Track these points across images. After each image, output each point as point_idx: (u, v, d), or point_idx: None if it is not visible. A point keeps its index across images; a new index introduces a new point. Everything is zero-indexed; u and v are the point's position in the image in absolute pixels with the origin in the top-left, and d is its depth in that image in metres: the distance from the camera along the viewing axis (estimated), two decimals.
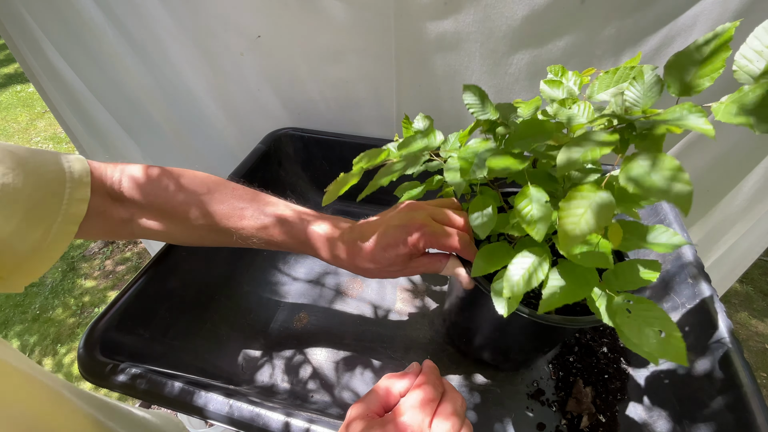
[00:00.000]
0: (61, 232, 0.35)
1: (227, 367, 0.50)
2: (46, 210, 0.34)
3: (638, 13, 0.55)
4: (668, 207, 0.53)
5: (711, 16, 0.53)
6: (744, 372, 0.36)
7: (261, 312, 0.57)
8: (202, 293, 0.54)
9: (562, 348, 0.50)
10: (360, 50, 0.65)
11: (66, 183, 0.35)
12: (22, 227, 0.32)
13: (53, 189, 0.34)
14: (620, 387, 0.46)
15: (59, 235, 0.35)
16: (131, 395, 0.37)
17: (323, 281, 0.61)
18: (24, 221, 0.32)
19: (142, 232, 0.41)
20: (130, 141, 0.88)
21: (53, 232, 0.34)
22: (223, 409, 0.35)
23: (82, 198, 0.36)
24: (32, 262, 0.34)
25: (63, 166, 0.35)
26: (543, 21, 0.56)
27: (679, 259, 0.47)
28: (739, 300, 1.49)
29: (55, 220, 0.34)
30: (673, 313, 0.46)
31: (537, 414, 0.45)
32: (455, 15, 0.57)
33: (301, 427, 0.33)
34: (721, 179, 0.70)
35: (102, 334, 0.41)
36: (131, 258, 1.81)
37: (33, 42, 0.73)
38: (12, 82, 3.23)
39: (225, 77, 0.74)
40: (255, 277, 0.61)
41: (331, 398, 0.47)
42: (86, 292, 1.67)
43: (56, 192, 0.34)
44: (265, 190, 0.44)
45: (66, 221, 0.35)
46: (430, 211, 0.39)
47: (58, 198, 0.34)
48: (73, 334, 1.51)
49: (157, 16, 0.67)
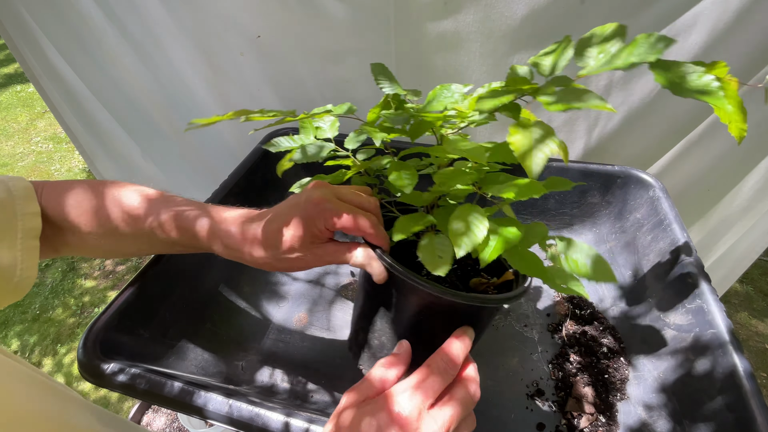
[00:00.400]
0: (27, 248, 0.34)
1: (227, 367, 0.50)
2: (5, 229, 0.33)
3: (638, 13, 0.55)
4: (668, 207, 0.53)
5: (711, 16, 0.53)
6: (744, 372, 0.36)
7: (261, 312, 0.57)
8: (202, 293, 0.54)
9: (562, 348, 0.50)
10: (360, 50, 0.65)
11: (15, 200, 0.34)
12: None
13: (4, 206, 0.33)
14: (620, 387, 0.46)
15: (27, 252, 0.34)
16: (131, 395, 0.37)
17: (323, 281, 0.61)
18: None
19: (64, 248, 0.40)
20: (130, 141, 0.88)
21: (19, 249, 0.34)
22: (223, 409, 0.35)
23: (34, 212, 0.35)
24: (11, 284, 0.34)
25: (7, 185, 0.35)
26: (543, 21, 0.56)
27: (679, 259, 0.47)
28: (739, 300, 1.49)
29: (17, 237, 0.34)
30: (674, 313, 0.46)
31: (537, 414, 0.45)
32: (455, 15, 0.57)
33: (300, 427, 0.33)
34: (721, 179, 0.70)
35: (102, 334, 0.41)
36: (131, 258, 1.81)
37: (33, 42, 0.73)
38: (12, 82, 3.23)
39: (225, 77, 0.74)
40: (255, 277, 0.61)
41: (331, 398, 0.47)
42: (86, 292, 1.67)
43: (8, 209, 0.34)
44: (267, 190, 0.44)
45: (27, 236, 0.34)
46: (335, 190, 0.34)
47: (12, 215, 0.34)
48: (73, 334, 1.51)
49: (157, 16, 0.67)
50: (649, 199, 0.56)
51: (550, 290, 0.58)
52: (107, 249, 0.41)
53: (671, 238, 0.50)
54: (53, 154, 2.41)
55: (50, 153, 2.42)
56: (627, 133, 0.67)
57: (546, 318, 0.54)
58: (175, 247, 0.41)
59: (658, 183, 0.56)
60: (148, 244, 0.41)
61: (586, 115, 0.66)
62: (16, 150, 2.47)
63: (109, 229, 0.38)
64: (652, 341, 0.47)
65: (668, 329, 0.45)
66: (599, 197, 0.62)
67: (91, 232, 0.38)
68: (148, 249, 0.43)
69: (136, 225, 0.38)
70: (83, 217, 0.38)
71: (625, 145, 0.69)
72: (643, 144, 0.68)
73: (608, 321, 0.53)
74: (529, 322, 0.54)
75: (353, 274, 0.62)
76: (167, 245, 0.40)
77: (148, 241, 0.40)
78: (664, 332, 0.46)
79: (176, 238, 0.38)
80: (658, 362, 0.45)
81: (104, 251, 0.42)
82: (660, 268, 0.50)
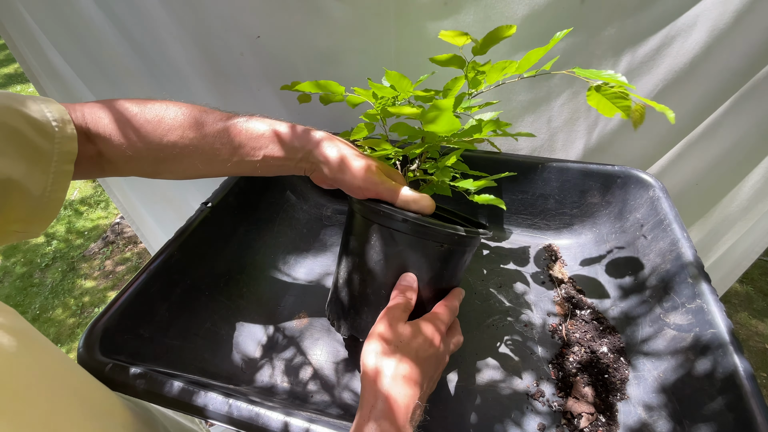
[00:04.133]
0: (60, 173, 0.34)
1: (227, 367, 0.50)
2: (42, 150, 0.33)
3: (638, 13, 0.55)
4: (668, 207, 0.53)
5: (711, 16, 0.53)
6: (744, 372, 0.36)
7: (261, 312, 0.57)
8: (202, 293, 0.54)
9: (562, 348, 0.50)
10: (360, 50, 0.65)
11: (51, 121, 0.34)
12: (29, 169, 0.32)
13: (43, 129, 0.33)
14: (620, 387, 0.46)
15: (59, 176, 0.34)
16: (131, 395, 0.37)
17: (323, 281, 0.61)
18: (27, 163, 0.32)
19: (111, 168, 0.40)
20: None
21: (53, 173, 0.34)
22: (223, 409, 0.35)
23: (71, 135, 0.35)
24: (43, 206, 0.34)
25: (41, 106, 0.34)
26: (543, 21, 0.56)
27: (679, 259, 0.47)
28: (739, 300, 1.49)
29: (52, 160, 0.34)
30: (674, 313, 0.46)
31: (537, 414, 0.45)
32: (455, 15, 0.57)
33: (301, 427, 0.33)
34: (721, 179, 0.70)
35: (102, 334, 0.41)
36: (131, 258, 1.81)
37: (33, 42, 0.73)
38: (12, 82, 3.23)
39: (225, 77, 0.74)
40: (255, 277, 0.61)
41: (331, 398, 0.47)
42: (86, 292, 1.67)
43: (46, 132, 0.33)
44: (267, 190, 0.44)
45: (62, 160, 0.34)
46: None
47: (50, 138, 0.33)
48: (73, 334, 1.51)
49: (157, 16, 0.67)
50: (649, 199, 0.56)
51: (550, 291, 0.58)
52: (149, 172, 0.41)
53: (671, 238, 0.50)
54: None
55: None
56: (627, 133, 0.67)
57: (546, 318, 0.54)
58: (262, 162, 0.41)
59: (658, 183, 0.56)
60: (229, 160, 0.40)
61: (586, 115, 0.66)
62: None
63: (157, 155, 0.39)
64: (652, 341, 0.47)
65: (668, 329, 0.46)
66: (599, 197, 0.62)
67: (136, 155, 0.38)
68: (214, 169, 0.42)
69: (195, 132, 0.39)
70: (131, 137, 0.38)
71: (625, 145, 0.69)
72: (643, 144, 0.68)
73: (608, 321, 0.53)
74: (529, 322, 0.54)
75: None
76: (250, 162, 0.41)
77: (230, 155, 0.40)
78: (664, 332, 0.46)
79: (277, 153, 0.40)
80: (658, 362, 0.45)
81: (148, 173, 0.42)
82: (660, 268, 0.50)
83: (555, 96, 0.65)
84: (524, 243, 0.66)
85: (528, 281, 0.60)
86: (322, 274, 0.62)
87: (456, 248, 0.42)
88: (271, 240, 0.65)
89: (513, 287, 0.59)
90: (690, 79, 0.58)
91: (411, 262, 0.41)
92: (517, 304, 0.56)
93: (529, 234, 0.67)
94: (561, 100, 0.65)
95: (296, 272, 0.63)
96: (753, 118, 0.61)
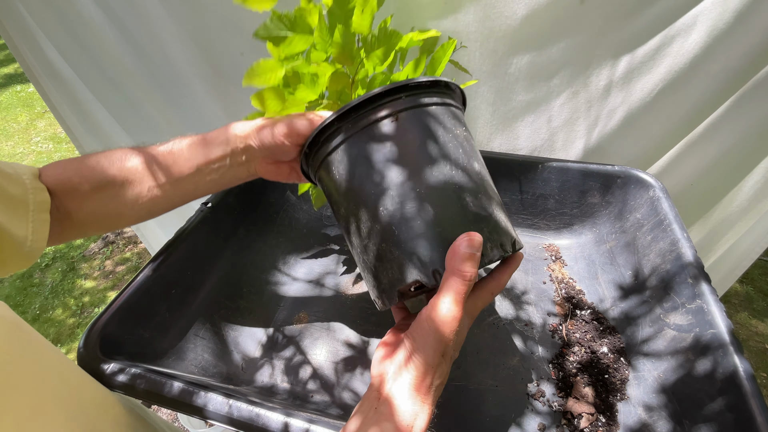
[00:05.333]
0: (39, 221, 0.36)
1: (227, 367, 0.50)
2: (17, 199, 0.34)
3: (638, 13, 0.55)
4: (668, 207, 0.53)
5: (711, 16, 0.53)
6: (744, 372, 0.36)
7: (261, 312, 0.57)
8: (202, 293, 0.54)
9: (562, 348, 0.50)
10: None
11: (22, 175, 0.36)
12: (9, 216, 0.33)
13: (14, 180, 0.35)
14: (620, 387, 0.46)
15: (38, 224, 0.35)
16: (131, 395, 0.37)
17: (323, 281, 0.61)
18: (5, 209, 0.33)
19: (69, 228, 0.40)
20: (131, 141, 0.88)
21: (31, 221, 0.35)
22: (223, 409, 0.35)
23: (41, 187, 0.36)
24: (26, 254, 0.35)
25: (12, 166, 0.36)
26: (543, 21, 0.55)
27: (679, 259, 0.47)
28: (739, 300, 1.49)
29: (29, 209, 0.35)
30: (674, 313, 0.46)
31: (537, 414, 0.45)
32: (455, 15, 0.57)
33: (300, 427, 0.33)
34: (721, 179, 0.70)
35: (102, 334, 0.41)
36: (131, 258, 1.81)
37: (33, 42, 0.73)
38: (12, 82, 3.23)
39: (225, 77, 0.74)
40: (255, 277, 0.61)
41: (331, 398, 0.47)
42: (86, 292, 1.67)
43: (18, 182, 0.35)
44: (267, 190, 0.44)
45: (38, 209, 0.36)
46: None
47: (23, 188, 0.35)
48: (73, 334, 1.51)
49: (157, 16, 0.67)
50: (649, 199, 0.56)
51: (551, 291, 0.58)
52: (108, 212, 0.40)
53: (671, 238, 0.50)
54: (53, 154, 2.41)
55: (50, 153, 2.42)
56: (627, 133, 0.67)
57: (546, 318, 0.54)
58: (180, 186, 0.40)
59: (658, 183, 0.56)
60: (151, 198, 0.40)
61: (586, 114, 0.66)
62: (16, 150, 2.47)
63: (106, 181, 0.38)
64: (652, 341, 0.47)
65: (668, 329, 0.46)
66: (599, 197, 0.62)
67: (91, 189, 0.38)
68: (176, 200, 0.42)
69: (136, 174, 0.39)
70: (83, 173, 0.38)
71: (625, 145, 0.69)
72: (643, 144, 0.68)
73: (608, 321, 0.53)
74: (529, 322, 0.54)
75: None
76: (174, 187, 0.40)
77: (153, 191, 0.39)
78: (664, 332, 0.46)
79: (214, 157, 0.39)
80: (658, 362, 0.45)
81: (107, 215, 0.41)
82: (660, 268, 0.50)
83: (555, 96, 0.65)
84: (524, 243, 0.66)
85: (528, 281, 0.60)
86: (322, 274, 0.62)
87: (415, 110, 0.31)
88: (271, 240, 0.65)
89: (513, 287, 0.59)
90: (690, 79, 0.58)
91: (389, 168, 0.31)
92: (517, 304, 0.56)
93: (529, 234, 0.67)
94: (561, 100, 0.65)
95: (296, 272, 0.63)
96: (753, 118, 0.61)
